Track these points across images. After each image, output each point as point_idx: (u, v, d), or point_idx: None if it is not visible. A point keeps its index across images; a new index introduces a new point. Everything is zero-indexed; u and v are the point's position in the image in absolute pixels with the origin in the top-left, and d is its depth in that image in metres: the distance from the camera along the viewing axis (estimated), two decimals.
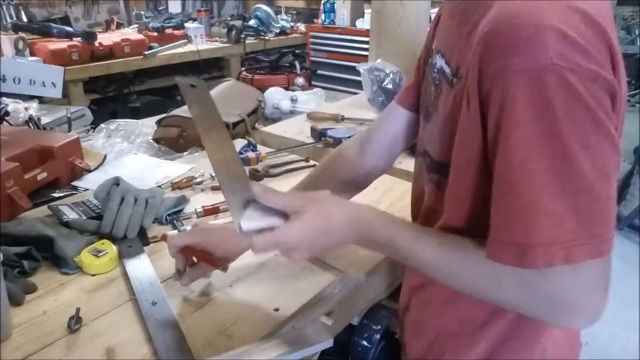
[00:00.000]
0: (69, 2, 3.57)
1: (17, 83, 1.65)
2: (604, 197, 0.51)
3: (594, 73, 0.50)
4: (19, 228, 0.93)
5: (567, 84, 0.49)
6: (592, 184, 0.51)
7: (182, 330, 0.74)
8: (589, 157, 0.50)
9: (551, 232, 0.51)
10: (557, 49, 0.49)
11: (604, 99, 0.51)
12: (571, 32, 0.49)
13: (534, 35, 0.50)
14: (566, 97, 0.49)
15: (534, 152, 0.51)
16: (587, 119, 0.50)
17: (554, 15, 0.50)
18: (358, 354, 0.95)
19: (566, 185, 0.51)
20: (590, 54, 0.50)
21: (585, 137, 0.50)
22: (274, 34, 4.06)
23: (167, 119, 1.56)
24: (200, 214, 1.10)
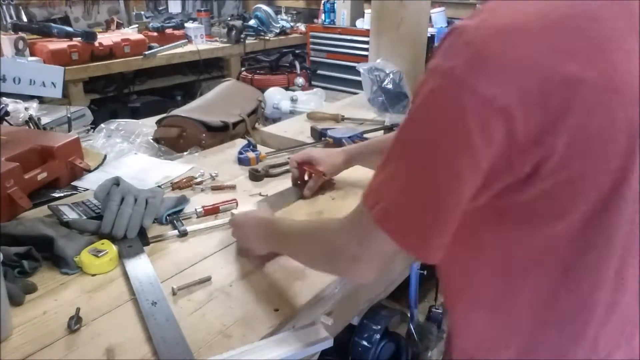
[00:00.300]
0: (69, 2, 3.57)
1: (17, 83, 1.65)
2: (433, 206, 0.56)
3: (491, 95, 0.51)
4: (19, 228, 0.93)
5: (459, 98, 0.52)
6: (437, 190, 0.56)
7: (182, 330, 0.74)
8: (444, 165, 0.55)
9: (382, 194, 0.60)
10: (466, 62, 0.52)
11: (490, 123, 0.51)
12: (489, 53, 0.51)
13: (459, 44, 0.54)
14: (447, 106, 0.53)
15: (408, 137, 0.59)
16: (462, 135, 0.53)
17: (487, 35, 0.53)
18: (358, 354, 0.95)
19: (407, 169, 0.58)
20: (498, 78, 0.51)
21: (451, 149, 0.54)
22: (274, 34, 4.06)
23: (167, 119, 1.56)
24: (200, 214, 1.10)
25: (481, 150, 0.53)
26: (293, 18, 4.53)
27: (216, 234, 1.04)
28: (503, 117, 0.51)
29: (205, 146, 1.51)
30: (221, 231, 1.05)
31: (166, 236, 1.01)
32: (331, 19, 4.08)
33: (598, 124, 0.53)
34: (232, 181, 1.27)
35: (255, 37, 3.93)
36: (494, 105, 0.51)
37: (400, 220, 0.59)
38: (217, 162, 1.41)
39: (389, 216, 0.59)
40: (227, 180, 1.28)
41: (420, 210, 0.57)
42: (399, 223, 0.59)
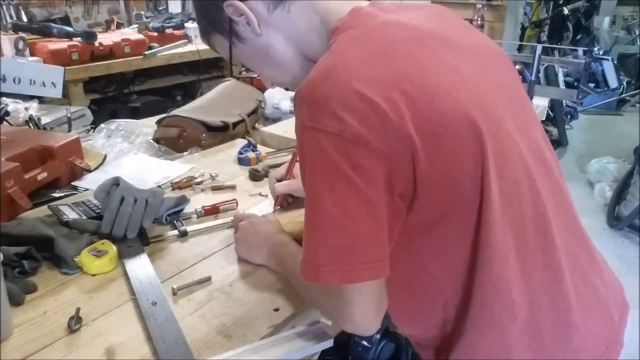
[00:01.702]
0: (69, 2, 3.57)
1: (17, 83, 1.65)
2: (351, 232, 0.60)
3: (338, 130, 0.58)
4: (19, 228, 0.93)
5: (316, 140, 0.60)
6: (335, 221, 0.60)
7: (182, 330, 0.74)
8: (332, 200, 0.60)
9: (305, 258, 0.64)
10: (309, 113, 0.60)
11: (351, 152, 0.58)
12: (321, 100, 0.59)
13: (298, 103, 0.62)
14: (313, 150, 0.61)
15: (305, 189, 0.64)
16: (331, 170, 0.59)
17: (312, 89, 0.61)
18: (358, 354, 0.95)
19: (318, 221, 0.62)
20: (335, 114, 0.58)
21: (330, 184, 0.60)
22: None
23: (167, 119, 1.56)
24: (200, 214, 1.10)
25: (357, 177, 0.58)
26: None
27: (216, 234, 1.04)
28: (358, 144, 0.58)
29: (205, 146, 1.51)
30: (221, 231, 1.05)
31: (166, 236, 1.01)
32: None
33: (432, 122, 0.60)
34: (232, 181, 1.27)
35: None
36: (344, 137, 0.58)
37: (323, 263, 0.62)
38: (217, 162, 1.41)
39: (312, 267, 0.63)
40: (227, 180, 1.28)
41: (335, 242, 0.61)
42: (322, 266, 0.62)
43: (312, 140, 0.60)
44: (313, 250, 0.63)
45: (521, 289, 0.66)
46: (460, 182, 0.62)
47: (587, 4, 4.52)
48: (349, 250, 0.61)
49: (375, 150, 0.59)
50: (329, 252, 0.61)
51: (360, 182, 0.59)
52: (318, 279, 0.62)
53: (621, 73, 5.01)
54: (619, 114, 5.10)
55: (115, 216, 0.97)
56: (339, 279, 0.62)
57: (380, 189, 0.60)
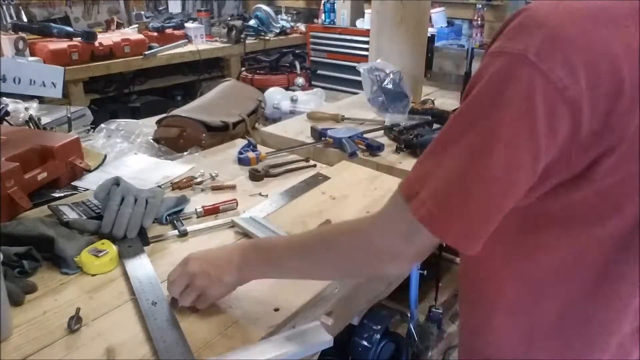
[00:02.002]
0: (69, 2, 3.57)
1: (17, 83, 1.65)
2: (487, 199, 0.53)
3: (564, 85, 0.49)
4: (19, 228, 0.93)
5: (530, 82, 0.49)
6: (493, 179, 0.52)
7: (182, 330, 0.74)
8: (506, 156, 0.51)
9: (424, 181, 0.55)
10: (539, 46, 0.49)
11: (559, 114, 0.49)
12: (564, 37, 0.49)
13: (531, 28, 0.51)
14: (519, 88, 0.50)
15: (468, 121, 0.54)
16: (527, 119, 0.50)
17: (561, 19, 0.50)
18: (358, 354, 0.95)
19: (472, 169, 0.52)
20: (569, 64, 0.49)
21: (515, 137, 0.51)
22: (274, 34, 4.06)
23: (167, 119, 1.56)
24: (200, 214, 1.10)
25: (543, 141, 0.50)
26: (293, 18, 4.52)
27: (216, 234, 1.04)
28: (571, 109, 0.49)
29: (205, 146, 1.51)
30: (221, 231, 1.05)
31: (166, 236, 1.01)
32: (331, 19, 4.08)
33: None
34: (232, 181, 1.27)
35: (256, 37, 3.93)
36: (565, 95, 0.49)
37: (442, 214, 0.54)
38: (217, 162, 1.41)
39: (430, 210, 0.54)
40: (227, 180, 1.28)
41: (466, 202, 0.53)
42: (441, 217, 0.54)
43: (526, 78, 0.49)
44: (439, 185, 0.54)
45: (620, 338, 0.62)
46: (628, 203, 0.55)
47: None
48: (470, 215, 0.53)
49: (577, 126, 0.50)
50: (466, 203, 0.53)
51: (543, 151, 0.51)
52: (416, 208, 0.55)
53: None
54: None
55: (116, 216, 0.97)
56: (434, 226, 0.55)
57: (543, 163, 0.52)
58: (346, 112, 1.76)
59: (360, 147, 1.42)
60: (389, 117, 1.66)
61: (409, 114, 1.69)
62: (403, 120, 1.61)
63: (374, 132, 1.54)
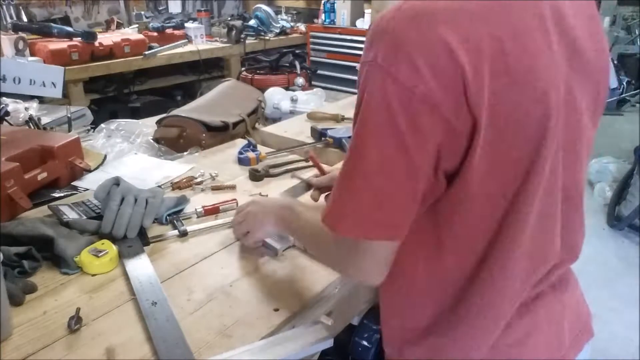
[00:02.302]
0: (69, 2, 3.57)
1: (17, 83, 1.65)
2: (385, 191, 0.58)
3: (411, 84, 0.53)
4: (19, 228, 0.93)
5: (383, 85, 0.54)
6: (373, 176, 0.58)
7: (182, 330, 0.74)
8: (377, 154, 0.57)
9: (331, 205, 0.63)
10: (385, 52, 0.54)
11: (416, 112, 0.54)
12: (404, 41, 0.53)
13: (377, 37, 0.56)
14: (375, 93, 0.56)
15: (353, 134, 0.61)
16: (388, 123, 0.55)
17: (396, 25, 0.55)
18: (358, 354, 0.95)
19: (355, 171, 0.60)
20: (415, 65, 0.53)
21: (380, 137, 0.56)
22: (274, 34, 4.06)
23: (167, 119, 1.56)
24: (200, 214, 1.10)
25: (409, 137, 0.55)
26: (293, 18, 4.53)
27: (216, 234, 1.04)
28: (428, 105, 0.53)
29: (205, 146, 1.51)
30: (221, 231, 1.05)
31: (166, 236, 1.01)
32: (331, 19, 4.08)
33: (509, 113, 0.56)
34: (232, 181, 1.27)
35: (256, 37, 3.93)
36: (416, 93, 0.53)
37: (338, 213, 0.62)
38: (217, 162, 1.41)
39: (332, 215, 0.63)
40: (227, 180, 1.28)
41: (354, 195, 0.60)
42: (338, 216, 0.62)
43: (379, 83, 0.55)
44: (342, 200, 0.62)
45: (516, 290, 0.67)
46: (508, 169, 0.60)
47: None
48: (377, 208, 0.59)
49: (441, 118, 0.54)
50: (356, 206, 0.60)
51: (412, 146, 0.55)
52: (337, 229, 0.62)
53: (621, 73, 5.01)
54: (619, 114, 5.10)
55: (116, 216, 0.97)
56: (358, 234, 0.61)
57: (428, 158, 0.57)
58: (346, 112, 1.75)
59: None
60: None
61: None
62: None
63: None
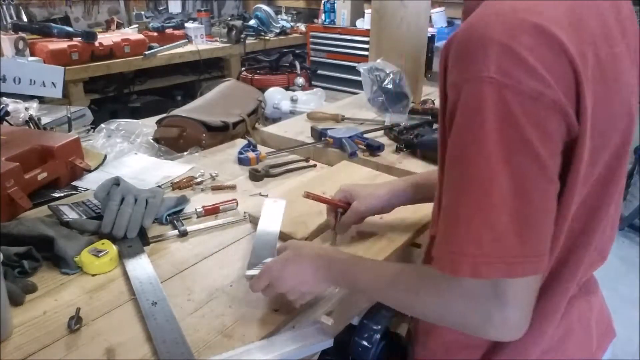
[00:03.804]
0: (69, 2, 3.57)
1: (17, 83, 1.65)
2: (527, 214, 0.51)
3: (536, 91, 0.49)
4: (19, 228, 0.93)
5: (501, 98, 0.49)
6: (505, 199, 0.50)
7: (182, 330, 0.74)
8: (509, 173, 0.50)
9: (465, 247, 0.52)
10: (498, 63, 0.49)
11: (544, 119, 0.50)
12: (516, 47, 0.49)
13: (480, 48, 0.50)
14: (497, 111, 0.49)
15: (462, 164, 0.53)
16: (515, 137, 0.50)
17: (503, 30, 0.50)
18: (358, 354, 0.95)
19: (485, 198, 0.51)
20: (536, 71, 0.49)
21: (509, 153, 0.50)
22: (274, 34, 4.06)
23: (167, 119, 1.56)
24: (200, 214, 1.10)
25: (543, 150, 0.50)
26: (293, 18, 4.53)
27: (216, 234, 1.04)
28: (556, 111, 0.50)
29: (205, 146, 1.51)
30: (221, 231, 1.05)
31: (166, 236, 1.01)
32: (331, 19, 4.08)
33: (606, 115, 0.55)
34: (232, 181, 1.27)
35: (256, 37, 3.93)
36: (543, 101, 0.49)
37: (502, 254, 0.51)
38: (217, 162, 1.41)
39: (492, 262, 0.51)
40: (227, 180, 1.28)
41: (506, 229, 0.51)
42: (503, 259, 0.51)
43: (495, 96, 0.49)
44: (473, 236, 0.52)
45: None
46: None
47: None
48: (521, 238, 0.51)
49: (568, 122, 0.51)
50: (496, 238, 0.51)
51: (546, 158, 0.50)
52: (479, 272, 0.51)
53: None
54: None
55: (116, 216, 0.97)
56: (504, 273, 0.51)
57: (558, 163, 0.52)
58: (346, 112, 1.75)
59: (360, 147, 1.42)
60: (389, 117, 1.66)
61: (409, 114, 1.69)
62: (403, 120, 1.61)
63: (374, 132, 1.54)
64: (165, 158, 1.45)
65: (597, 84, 0.52)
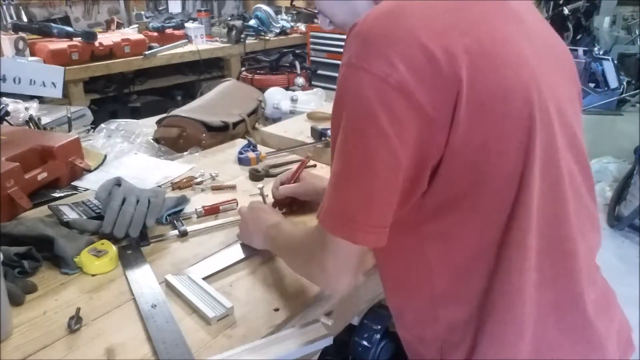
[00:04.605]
0: (69, 2, 3.57)
1: (17, 83, 1.65)
2: (370, 188, 0.58)
3: (384, 73, 0.54)
4: (19, 228, 0.93)
5: (357, 80, 0.56)
6: (358, 173, 0.58)
7: (181, 331, 0.74)
8: (360, 149, 0.57)
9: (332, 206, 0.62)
10: (358, 51, 0.57)
11: (391, 99, 0.54)
12: (373, 38, 0.56)
13: (351, 41, 0.58)
14: (351, 91, 0.57)
15: (333, 132, 0.62)
16: (364, 114, 0.56)
17: (368, 25, 0.58)
18: (358, 354, 0.95)
19: (342, 170, 0.60)
20: (385, 56, 0.54)
21: (360, 130, 0.57)
22: (274, 34, 4.06)
23: (167, 119, 1.56)
24: (200, 214, 1.10)
25: (391, 129, 0.55)
26: (293, 18, 4.53)
27: (216, 234, 1.04)
28: (402, 93, 0.54)
29: (205, 146, 1.51)
30: (221, 231, 1.05)
31: (166, 236, 1.01)
32: None
33: (489, 91, 0.56)
34: (232, 181, 1.27)
35: (256, 37, 3.93)
36: (389, 82, 0.54)
37: (337, 214, 0.61)
38: (217, 162, 1.41)
39: (328, 216, 0.62)
40: (227, 180, 1.28)
41: (352, 196, 0.59)
42: (336, 217, 0.61)
43: (354, 79, 0.56)
44: (334, 199, 0.61)
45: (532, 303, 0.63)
46: (495, 167, 0.58)
47: (588, 4, 4.51)
48: (363, 209, 0.59)
49: (417, 106, 0.54)
50: (345, 205, 0.60)
51: (392, 136, 0.55)
52: (334, 230, 0.61)
53: (621, 73, 5.01)
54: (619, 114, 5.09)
55: (117, 216, 0.97)
56: (346, 235, 0.61)
57: (409, 150, 0.56)
58: None
59: None
60: None
61: None
62: None
63: None
64: (165, 158, 1.45)
65: (476, 57, 0.56)
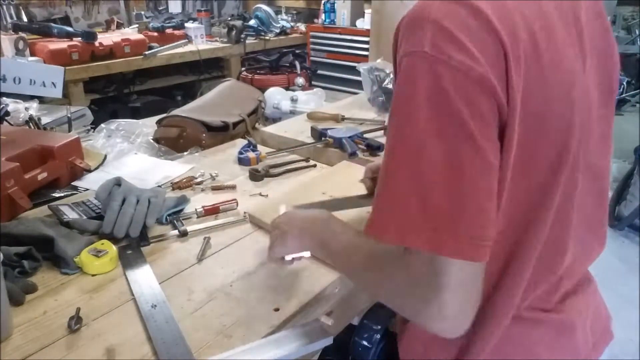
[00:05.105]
0: (69, 2, 3.57)
1: (17, 83, 1.65)
2: (460, 192, 0.50)
3: (465, 65, 0.50)
4: (19, 228, 0.93)
5: (433, 72, 0.51)
6: (441, 174, 0.50)
7: (181, 331, 0.74)
8: (440, 146, 0.50)
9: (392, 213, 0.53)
10: (432, 40, 0.51)
11: (474, 96, 0.50)
12: (448, 25, 0.51)
13: (418, 27, 0.53)
14: (428, 85, 0.51)
15: (395, 134, 0.54)
16: (446, 110, 0.50)
17: (438, 9, 0.53)
18: (358, 354, 0.95)
19: (418, 172, 0.51)
20: (465, 47, 0.50)
21: (440, 126, 0.50)
22: (274, 34, 4.06)
23: (167, 119, 1.56)
24: (200, 214, 1.10)
25: (472, 123, 0.50)
26: (293, 18, 4.53)
27: (216, 234, 1.04)
28: (483, 86, 0.51)
29: (205, 146, 1.51)
30: (221, 231, 1.05)
31: (166, 236, 1.01)
32: (331, 19, 4.08)
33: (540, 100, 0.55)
34: (232, 181, 1.27)
35: (256, 37, 3.93)
36: (471, 76, 0.50)
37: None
38: (217, 162, 1.41)
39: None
40: (227, 180, 1.28)
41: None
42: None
43: (429, 72, 0.51)
44: (401, 202, 0.51)
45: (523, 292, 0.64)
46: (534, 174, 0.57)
47: None
48: (451, 215, 0.50)
49: (497, 100, 0.51)
50: (424, 208, 0.50)
51: (477, 135, 0.50)
52: (405, 239, 0.51)
53: (621, 73, 5.01)
54: (619, 114, 5.09)
55: (117, 216, 0.97)
56: (430, 246, 0.50)
57: (496, 148, 0.52)
58: (346, 112, 1.75)
59: (360, 147, 1.42)
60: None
61: None
62: None
63: (374, 132, 1.54)
64: (165, 158, 1.45)
65: (532, 62, 0.53)
